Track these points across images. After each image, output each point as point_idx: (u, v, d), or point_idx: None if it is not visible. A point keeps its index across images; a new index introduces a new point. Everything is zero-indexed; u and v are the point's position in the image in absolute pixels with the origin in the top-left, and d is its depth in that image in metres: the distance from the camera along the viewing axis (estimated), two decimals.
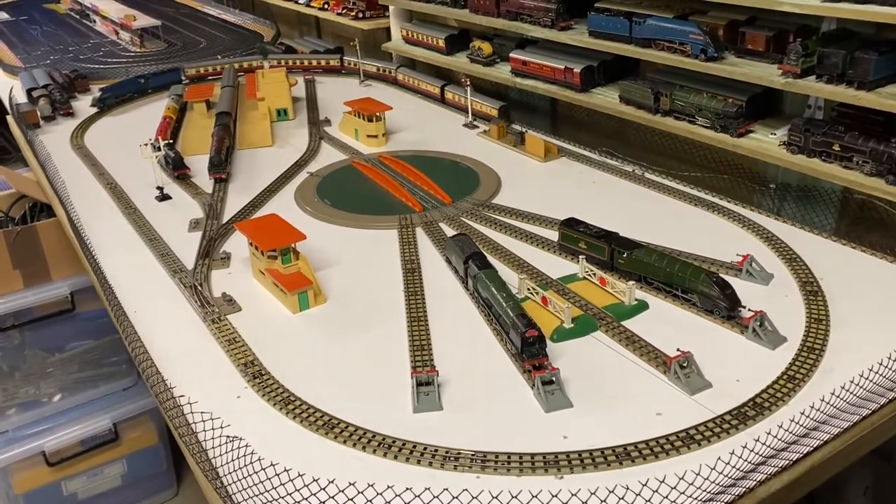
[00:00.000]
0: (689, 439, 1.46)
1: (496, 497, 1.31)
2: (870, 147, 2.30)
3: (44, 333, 3.29)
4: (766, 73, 2.51)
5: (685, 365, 1.63)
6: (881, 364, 1.57)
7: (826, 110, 2.60)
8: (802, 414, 1.44)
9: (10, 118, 3.87)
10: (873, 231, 2.49)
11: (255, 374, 1.74)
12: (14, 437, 3.17)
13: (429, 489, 1.32)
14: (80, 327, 3.34)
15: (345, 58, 4.39)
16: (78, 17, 6.77)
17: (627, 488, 1.31)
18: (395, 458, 1.47)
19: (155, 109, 3.77)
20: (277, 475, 1.34)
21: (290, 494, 1.32)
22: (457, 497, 1.31)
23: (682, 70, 2.80)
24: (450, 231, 2.38)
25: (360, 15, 4.56)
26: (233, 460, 1.43)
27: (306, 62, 4.40)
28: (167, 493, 3.56)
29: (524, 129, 3.14)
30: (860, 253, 2.12)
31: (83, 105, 3.94)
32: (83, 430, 3.21)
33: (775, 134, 2.63)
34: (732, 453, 1.35)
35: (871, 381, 1.54)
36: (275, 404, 1.64)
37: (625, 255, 2.01)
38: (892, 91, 2.25)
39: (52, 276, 3.19)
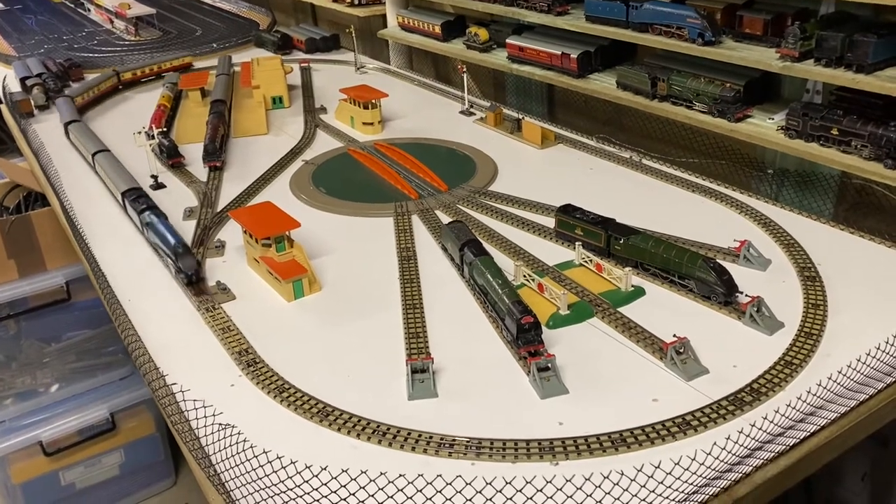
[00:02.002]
0: (685, 425, 1.45)
1: (490, 483, 1.31)
2: (868, 131, 2.28)
3: (40, 323, 3.28)
4: (763, 57, 2.49)
5: (682, 351, 1.62)
6: (879, 349, 1.57)
7: (824, 94, 2.59)
8: (799, 399, 1.43)
9: (3, 107, 3.85)
10: (871, 216, 2.48)
11: (250, 362, 1.73)
12: (11, 428, 3.17)
13: (422, 475, 1.31)
14: (76, 317, 3.33)
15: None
16: (72, 5, 6.73)
17: (622, 474, 1.30)
18: (390, 445, 1.46)
19: (149, 97, 3.75)
20: (270, 462, 1.33)
21: (283, 482, 1.31)
22: (450, 483, 1.30)
23: (680, 55, 2.78)
24: (446, 218, 2.37)
25: (356, 2, 4.53)
26: (225, 448, 1.42)
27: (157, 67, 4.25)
28: (165, 482, 3.56)
29: (521, 116, 3.12)
30: (858, 238, 2.11)
31: None
32: (80, 419, 3.21)
33: (773, 118, 2.62)
34: (728, 438, 1.34)
35: (868, 365, 1.54)
36: (269, 392, 1.63)
37: (621, 242, 2.00)
38: (890, 74, 2.23)
39: (47, 265, 3.18)
